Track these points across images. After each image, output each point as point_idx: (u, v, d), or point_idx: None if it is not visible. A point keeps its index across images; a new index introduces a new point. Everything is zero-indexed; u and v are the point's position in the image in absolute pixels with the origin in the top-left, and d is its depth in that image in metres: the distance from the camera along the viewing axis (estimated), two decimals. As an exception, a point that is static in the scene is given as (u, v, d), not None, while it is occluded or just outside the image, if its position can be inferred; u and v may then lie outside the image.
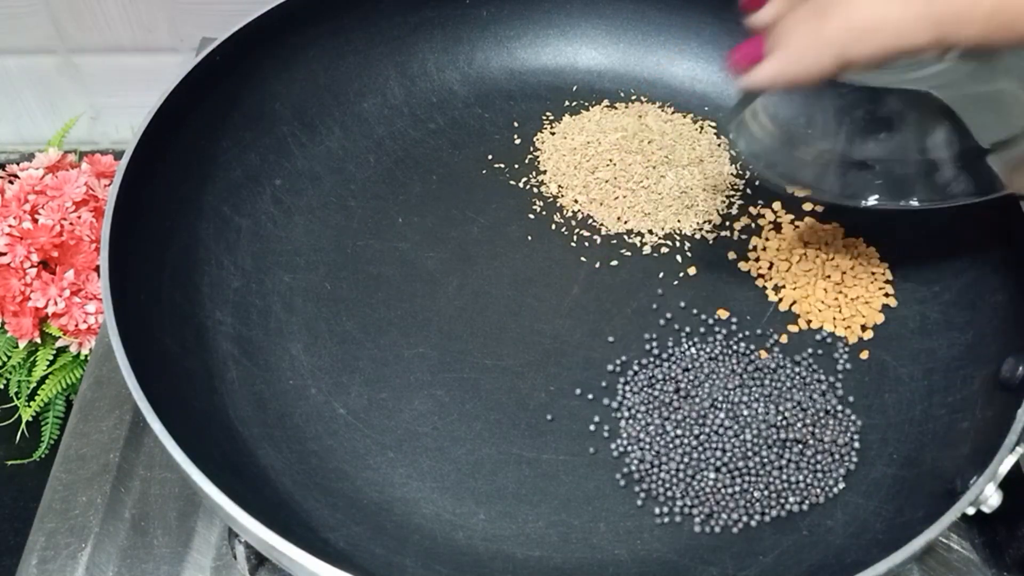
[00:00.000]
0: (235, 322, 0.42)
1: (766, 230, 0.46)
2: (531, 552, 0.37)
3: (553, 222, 0.47)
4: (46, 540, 0.40)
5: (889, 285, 0.44)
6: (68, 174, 0.60)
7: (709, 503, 0.38)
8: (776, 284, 0.44)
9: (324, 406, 0.41)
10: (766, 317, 0.43)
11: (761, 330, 0.43)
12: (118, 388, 0.45)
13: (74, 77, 0.70)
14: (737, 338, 0.42)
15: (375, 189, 0.48)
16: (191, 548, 0.40)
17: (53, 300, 0.57)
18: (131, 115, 0.72)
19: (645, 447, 0.39)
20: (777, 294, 0.44)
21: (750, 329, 0.43)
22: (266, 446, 0.39)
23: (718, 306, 0.44)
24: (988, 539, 0.40)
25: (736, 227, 0.47)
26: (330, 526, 0.37)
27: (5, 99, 0.72)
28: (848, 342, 0.42)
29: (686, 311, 0.44)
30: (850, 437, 0.39)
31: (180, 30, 0.66)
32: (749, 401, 0.40)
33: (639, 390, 0.41)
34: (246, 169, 0.46)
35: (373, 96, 0.50)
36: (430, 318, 0.44)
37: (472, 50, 0.51)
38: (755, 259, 0.45)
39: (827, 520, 0.37)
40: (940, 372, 0.40)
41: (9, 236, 0.56)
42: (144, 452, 0.43)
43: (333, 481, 0.38)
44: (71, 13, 0.65)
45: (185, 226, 0.43)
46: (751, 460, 0.38)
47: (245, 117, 0.46)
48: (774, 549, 0.36)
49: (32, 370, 0.60)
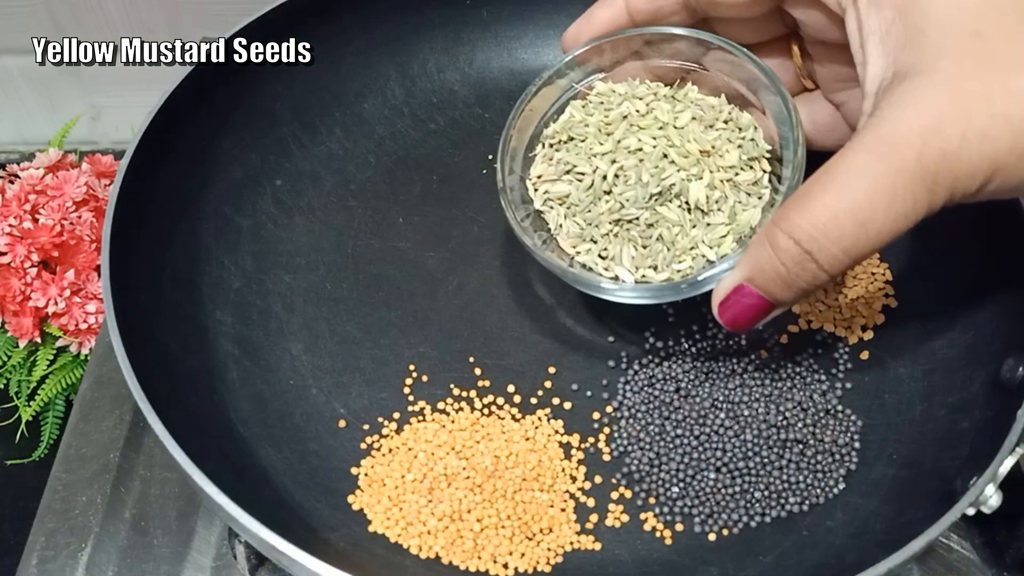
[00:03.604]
0: (236, 322, 0.42)
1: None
2: (531, 552, 0.37)
3: (553, 222, 0.47)
4: (46, 540, 0.40)
5: (889, 285, 0.44)
6: (68, 174, 0.60)
7: (709, 503, 0.38)
8: (776, 284, 0.44)
9: (324, 406, 0.41)
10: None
11: (761, 330, 0.43)
12: (118, 388, 0.45)
13: (74, 77, 0.70)
14: (737, 338, 0.42)
15: (376, 189, 0.48)
16: (191, 548, 0.40)
17: (53, 300, 0.57)
18: (131, 115, 0.72)
19: (645, 447, 0.39)
20: (777, 294, 0.44)
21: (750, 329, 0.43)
22: (266, 446, 0.39)
23: (718, 306, 0.44)
24: (988, 539, 0.40)
25: (736, 227, 0.47)
26: (330, 526, 0.37)
27: (5, 99, 0.72)
28: (848, 342, 0.42)
29: (686, 311, 0.44)
30: (850, 437, 0.39)
31: (180, 30, 0.66)
32: (749, 401, 0.40)
33: (639, 390, 0.41)
34: (247, 169, 0.46)
35: (373, 96, 0.50)
36: (430, 318, 0.44)
37: (472, 50, 0.51)
38: (755, 259, 0.45)
39: (827, 520, 0.37)
40: (940, 372, 0.40)
41: (9, 236, 0.56)
42: (144, 452, 0.43)
43: (333, 481, 0.38)
44: (71, 13, 0.65)
45: (186, 226, 0.43)
46: (751, 460, 0.38)
47: (246, 117, 0.46)
48: (774, 549, 0.37)
49: (32, 370, 0.60)
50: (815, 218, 0.28)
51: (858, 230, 0.27)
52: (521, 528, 0.37)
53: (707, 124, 0.37)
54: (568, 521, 0.38)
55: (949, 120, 0.26)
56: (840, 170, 0.28)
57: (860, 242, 0.28)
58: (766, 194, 0.36)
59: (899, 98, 0.27)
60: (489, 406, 0.41)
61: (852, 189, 0.27)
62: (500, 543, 0.36)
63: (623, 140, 0.37)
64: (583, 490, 0.39)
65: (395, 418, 0.40)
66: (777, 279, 0.30)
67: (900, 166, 0.27)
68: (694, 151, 0.36)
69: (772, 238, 0.29)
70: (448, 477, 0.38)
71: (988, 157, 0.26)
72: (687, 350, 0.42)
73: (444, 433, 0.39)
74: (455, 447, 0.39)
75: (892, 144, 0.27)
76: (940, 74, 0.27)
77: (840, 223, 0.27)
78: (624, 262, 0.36)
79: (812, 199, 0.28)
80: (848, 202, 0.27)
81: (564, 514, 0.38)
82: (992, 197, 0.28)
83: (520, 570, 0.36)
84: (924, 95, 0.27)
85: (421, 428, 0.40)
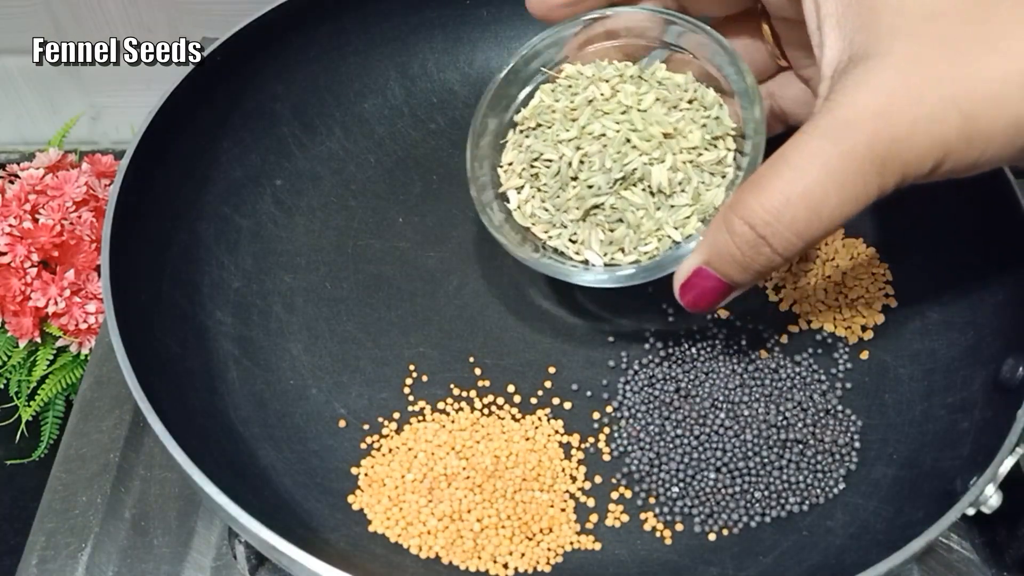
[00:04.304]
0: (236, 322, 0.42)
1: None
2: (531, 552, 0.37)
3: (553, 222, 0.47)
4: (46, 540, 0.40)
5: (889, 285, 0.44)
6: (68, 174, 0.60)
7: (709, 503, 0.38)
8: (776, 284, 0.44)
9: (324, 406, 0.41)
10: (766, 317, 0.43)
11: (761, 330, 0.43)
12: (118, 388, 0.45)
13: (74, 77, 0.69)
14: (737, 338, 0.42)
15: (376, 189, 0.48)
16: (191, 548, 0.40)
17: (53, 300, 0.57)
18: (131, 115, 0.72)
19: (645, 447, 0.39)
20: (777, 294, 0.44)
21: (750, 329, 0.43)
22: (266, 446, 0.39)
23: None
24: (988, 539, 0.40)
25: (736, 227, 0.47)
26: (330, 526, 0.37)
27: (5, 99, 0.72)
28: (848, 342, 0.42)
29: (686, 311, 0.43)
30: (850, 437, 0.39)
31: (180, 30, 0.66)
32: (749, 401, 0.40)
33: (639, 390, 0.41)
34: (247, 169, 0.46)
35: (373, 96, 0.50)
36: (430, 318, 0.44)
37: (472, 50, 0.51)
38: (755, 259, 0.45)
39: (827, 520, 0.37)
40: (940, 372, 0.40)
41: (9, 236, 0.56)
42: (144, 452, 0.43)
43: (333, 481, 0.38)
44: (71, 13, 0.65)
45: (186, 226, 0.43)
46: (751, 460, 0.38)
47: (246, 117, 0.46)
48: (774, 549, 0.37)
49: (32, 370, 0.60)
50: (769, 203, 0.28)
51: (811, 214, 0.28)
52: (521, 528, 0.37)
53: (671, 105, 0.37)
54: (568, 521, 0.38)
55: (901, 104, 0.26)
56: (794, 155, 0.28)
57: (813, 225, 0.28)
58: (730, 172, 0.36)
59: (852, 82, 0.27)
60: (489, 406, 0.41)
61: (804, 174, 0.28)
62: (500, 543, 0.36)
63: (587, 126, 0.37)
64: (583, 490, 0.39)
65: (395, 418, 0.40)
66: (733, 262, 0.30)
67: (851, 150, 0.27)
68: (656, 134, 0.36)
69: (728, 223, 0.30)
70: (448, 477, 0.38)
71: (938, 141, 0.26)
72: (687, 350, 0.42)
73: (444, 433, 0.39)
74: (455, 447, 0.39)
75: (844, 129, 0.27)
76: (893, 57, 0.27)
77: (793, 208, 0.28)
78: (593, 246, 0.37)
79: (766, 184, 0.28)
80: (801, 187, 0.28)
81: (564, 514, 0.38)
82: (948, 177, 0.28)
83: (520, 570, 0.36)
84: (876, 78, 0.27)
85: (421, 428, 0.40)
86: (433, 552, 0.36)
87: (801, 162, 0.28)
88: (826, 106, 0.28)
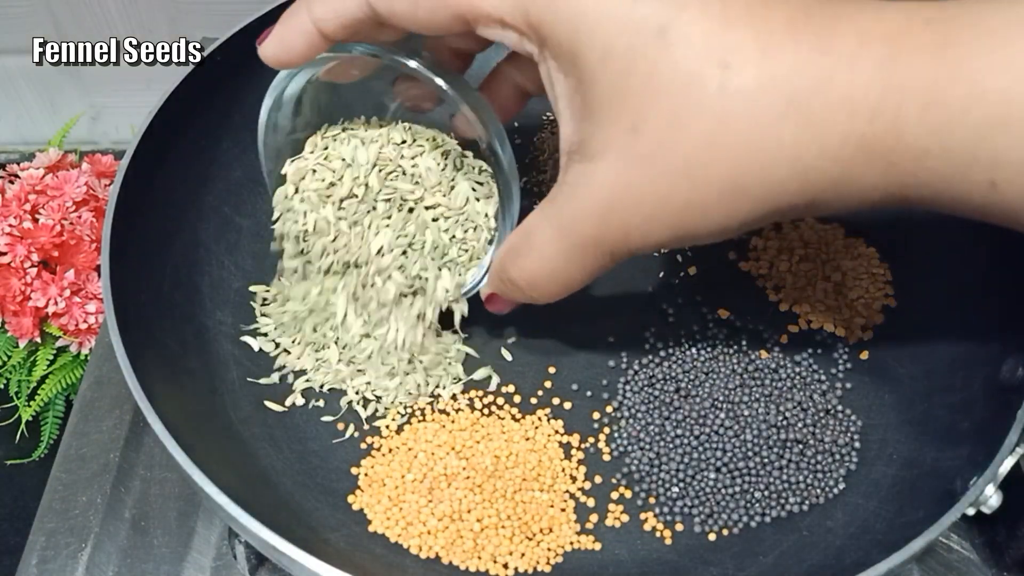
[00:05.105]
0: (236, 322, 0.42)
1: (766, 230, 0.46)
2: (531, 552, 0.37)
3: (553, 222, 0.47)
4: (46, 540, 0.40)
5: (889, 285, 0.44)
6: (68, 174, 0.60)
7: (709, 503, 0.38)
8: (776, 284, 0.44)
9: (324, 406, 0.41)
10: (766, 317, 0.43)
11: (761, 330, 0.43)
12: (118, 388, 0.45)
13: (74, 77, 0.69)
14: (737, 338, 0.42)
15: (375, 189, 0.48)
16: (191, 548, 0.40)
17: (53, 300, 0.57)
18: (131, 115, 0.72)
19: (645, 447, 0.39)
20: (777, 294, 0.44)
21: (750, 329, 0.43)
22: (266, 446, 0.39)
23: (718, 306, 0.44)
24: (988, 539, 0.40)
25: (736, 227, 0.47)
26: (330, 526, 0.37)
27: (5, 99, 0.72)
28: (848, 342, 0.42)
29: (686, 311, 0.44)
30: (850, 437, 0.39)
31: (180, 30, 0.66)
32: (749, 401, 0.40)
33: (639, 390, 0.41)
34: (247, 169, 0.46)
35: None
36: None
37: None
38: (755, 259, 0.45)
39: (827, 520, 0.37)
40: (940, 372, 0.40)
41: (9, 236, 0.56)
42: (144, 452, 0.43)
43: (333, 481, 0.38)
44: (71, 13, 0.65)
45: (186, 226, 0.43)
46: (751, 460, 0.38)
47: (246, 117, 0.46)
48: (774, 549, 0.37)
49: (32, 370, 0.60)
50: (523, 275, 0.34)
51: (559, 286, 0.33)
52: (521, 528, 0.37)
53: (442, 166, 0.39)
54: (568, 521, 0.38)
55: (619, 209, 0.29)
56: (537, 238, 0.33)
57: (564, 289, 0.34)
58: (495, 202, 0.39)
59: (578, 177, 0.30)
60: (489, 406, 0.41)
61: (546, 259, 0.33)
62: (500, 543, 0.36)
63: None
64: (583, 490, 0.39)
65: (395, 418, 0.40)
66: (512, 297, 0.36)
67: (582, 244, 0.31)
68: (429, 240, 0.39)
69: (501, 274, 0.35)
70: (448, 477, 0.38)
71: (653, 239, 0.30)
72: (687, 350, 0.42)
73: (444, 433, 0.39)
74: (455, 447, 0.39)
75: (573, 225, 0.31)
76: (607, 163, 0.29)
77: (544, 281, 0.33)
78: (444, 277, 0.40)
79: (519, 258, 0.34)
80: (547, 269, 0.33)
81: (564, 514, 0.38)
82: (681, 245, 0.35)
83: (520, 570, 0.36)
84: (597, 180, 0.29)
85: (421, 428, 0.40)
86: (433, 552, 0.36)
87: (543, 247, 0.32)
88: (561, 192, 0.31)
